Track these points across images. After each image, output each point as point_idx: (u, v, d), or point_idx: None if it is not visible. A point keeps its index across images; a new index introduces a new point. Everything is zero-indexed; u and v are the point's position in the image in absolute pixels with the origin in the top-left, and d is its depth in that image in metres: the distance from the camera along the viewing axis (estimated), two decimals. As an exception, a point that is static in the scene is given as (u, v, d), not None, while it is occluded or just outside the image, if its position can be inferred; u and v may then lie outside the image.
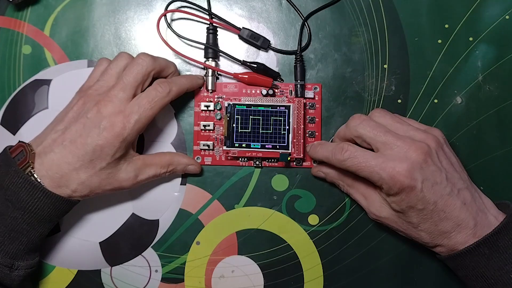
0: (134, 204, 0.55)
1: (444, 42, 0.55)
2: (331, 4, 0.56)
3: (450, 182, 0.46)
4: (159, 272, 0.55)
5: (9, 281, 0.47)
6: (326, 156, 0.50)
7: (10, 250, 0.46)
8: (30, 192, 0.46)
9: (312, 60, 0.55)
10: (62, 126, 0.48)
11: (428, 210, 0.46)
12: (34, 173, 0.46)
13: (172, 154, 0.54)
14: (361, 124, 0.49)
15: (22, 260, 0.47)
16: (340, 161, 0.48)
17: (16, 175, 0.46)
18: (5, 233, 0.46)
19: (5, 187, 0.46)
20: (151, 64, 0.49)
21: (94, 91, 0.49)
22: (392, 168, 0.45)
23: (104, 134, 0.47)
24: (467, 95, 0.55)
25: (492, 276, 0.45)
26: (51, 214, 0.47)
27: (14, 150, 0.48)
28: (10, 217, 0.46)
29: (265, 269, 0.55)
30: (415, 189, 0.45)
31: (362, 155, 0.47)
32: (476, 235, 0.46)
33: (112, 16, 0.56)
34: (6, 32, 0.56)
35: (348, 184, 0.52)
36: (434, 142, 0.47)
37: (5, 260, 0.46)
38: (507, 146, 0.55)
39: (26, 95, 0.56)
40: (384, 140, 0.47)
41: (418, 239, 0.49)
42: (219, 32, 0.56)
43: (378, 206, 0.50)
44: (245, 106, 0.53)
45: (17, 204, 0.46)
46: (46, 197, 0.46)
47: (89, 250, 0.55)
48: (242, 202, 0.55)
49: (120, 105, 0.48)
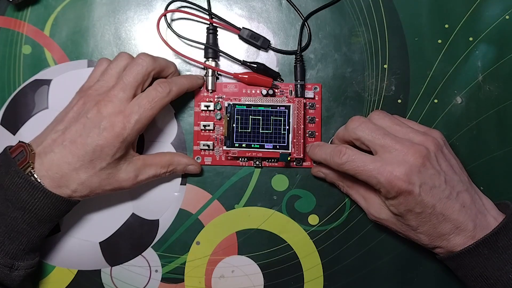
0: (134, 204, 0.55)
1: (444, 42, 0.55)
2: (331, 4, 0.56)
3: (449, 185, 0.46)
4: (159, 272, 0.55)
5: (9, 281, 0.47)
6: (324, 158, 0.50)
7: (10, 250, 0.46)
8: (30, 192, 0.46)
9: (312, 60, 0.55)
10: (62, 126, 0.48)
11: (427, 214, 0.46)
12: (34, 173, 0.46)
13: (172, 154, 0.53)
14: (360, 127, 0.48)
15: (22, 260, 0.47)
16: (338, 164, 0.48)
17: (17, 175, 0.46)
18: (5, 233, 0.46)
19: (5, 187, 0.46)
20: (151, 64, 0.49)
21: (94, 91, 0.49)
22: (390, 172, 0.45)
23: (104, 134, 0.47)
24: (467, 95, 0.55)
25: (491, 276, 0.46)
26: (51, 214, 0.47)
27: (14, 150, 0.47)
28: (10, 217, 0.46)
29: (265, 269, 0.55)
30: (413, 193, 0.45)
31: (360, 159, 0.47)
32: (475, 237, 0.46)
33: (112, 16, 0.56)
34: (6, 32, 0.56)
35: (347, 185, 0.52)
36: (433, 144, 0.47)
37: (5, 260, 0.46)
38: (507, 146, 0.55)
39: (26, 95, 0.56)
40: (383, 143, 0.47)
41: (417, 241, 0.49)
42: (219, 32, 0.56)
43: (378, 208, 0.50)
44: (245, 106, 0.53)
45: (17, 204, 0.46)
46: (46, 197, 0.46)
47: (89, 250, 0.55)
48: (242, 202, 0.55)
49: (120, 105, 0.47)
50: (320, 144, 0.52)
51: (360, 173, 0.47)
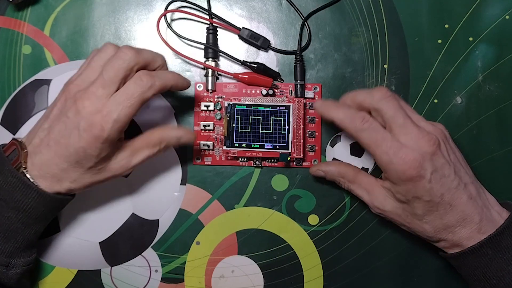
0: (134, 204, 0.55)
1: (444, 42, 0.55)
2: (331, 4, 0.56)
3: (457, 176, 0.46)
4: (159, 272, 0.55)
5: (6, 279, 0.47)
6: (342, 119, 0.47)
7: (6, 249, 0.46)
8: (24, 192, 0.45)
9: (312, 60, 0.55)
10: (47, 125, 0.47)
11: (435, 202, 0.46)
12: (26, 173, 0.46)
13: (161, 130, 0.50)
14: (386, 99, 0.47)
15: (18, 258, 0.47)
16: (356, 129, 0.46)
17: (10, 174, 0.45)
18: (0, 233, 0.46)
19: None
20: (134, 59, 0.46)
21: (75, 87, 0.46)
22: (405, 154, 0.45)
23: (84, 135, 0.44)
24: (467, 95, 0.55)
25: (494, 276, 0.45)
26: (45, 213, 0.47)
27: (7, 149, 0.47)
28: (4, 217, 0.46)
29: (265, 269, 0.55)
30: (423, 180, 0.45)
31: (381, 133, 0.46)
32: (481, 230, 0.46)
33: (112, 16, 0.56)
34: (6, 32, 0.56)
35: (349, 179, 0.51)
36: (441, 135, 0.47)
37: (1, 259, 0.46)
38: (507, 146, 0.55)
39: (26, 95, 0.56)
40: (403, 123, 0.46)
41: (422, 233, 0.48)
42: (219, 32, 0.56)
43: (382, 199, 0.49)
44: (245, 106, 0.53)
45: (11, 203, 0.45)
46: (40, 196, 0.46)
47: (89, 250, 0.55)
48: (242, 202, 0.55)
49: (98, 104, 0.45)
50: (338, 104, 0.49)
51: (375, 147, 0.46)
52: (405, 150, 0.45)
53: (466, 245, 0.46)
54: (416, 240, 0.54)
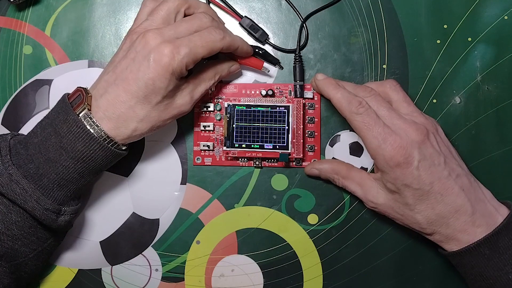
0: (135, 203, 0.55)
1: (443, 42, 0.55)
2: (331, 5, 0.56)
3: (448, 166, 0.47)
4: (159, 271, 0.55)
5: (55, 225, 0.48)
6: (339, 99, 0.49)
7: (59, 196, 0.47)
8: (86, 143, 0.46)
9: (311, 60, 0.56)
10: (113, 66, 0.47)
11: (424, 191, 0.46)
12: (90, 115, 0.46)
13: (215, 64, 0.52)
14: (395, 88, 0.50)
15: (68, 205, 0.48)
16: (351, 112, 0.48)
17: (75, 124, 0.46)
18: (55, 181, 0.46)
19: (62, 135, 0.46)
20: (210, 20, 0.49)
21: (142, 28, 0.48)
22: (394, 141, 0.46)
23: (153, 66, 0.45)
24: (466, 95, 0.55)
25: (491, 276, 0.46)
26: (102, 166, 0.48)
27: (72, 96, 0.48)
28: (62, 166, 0.46)
29: (265, 268, 0.55)
30: (411, 167, 0.46)
31: (374, 118, 0.47)
32: (475, 223, 0.46)
33: (112, 17, 0.57)
34: (7, 32, 0.56)
35: (342, 175, 0.52)
36: (433, 127, 0.49)
37: (53, 206, 0.47)
38: (505, 145, 0.55)
39: (27, 95, 0.56)
40: (408, 112, 0.49)
41: (416, 225, 0.48)
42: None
43: (375, 192, 0.50)
44: (244, 106, 0.53)
45: (71, 153, 0.46)
46: (101, 149, 0.46)
47: (90, 249, 0.55)
48: (242, 201, 0.55)
49: (169, 37, 0.46)
50: (338, 84, 0.51)
51: (367, 130, 0.47)
52: (394, 136, 0.46)
53: (461, 238, 0.46)
54: (415, 239, 0.54)
